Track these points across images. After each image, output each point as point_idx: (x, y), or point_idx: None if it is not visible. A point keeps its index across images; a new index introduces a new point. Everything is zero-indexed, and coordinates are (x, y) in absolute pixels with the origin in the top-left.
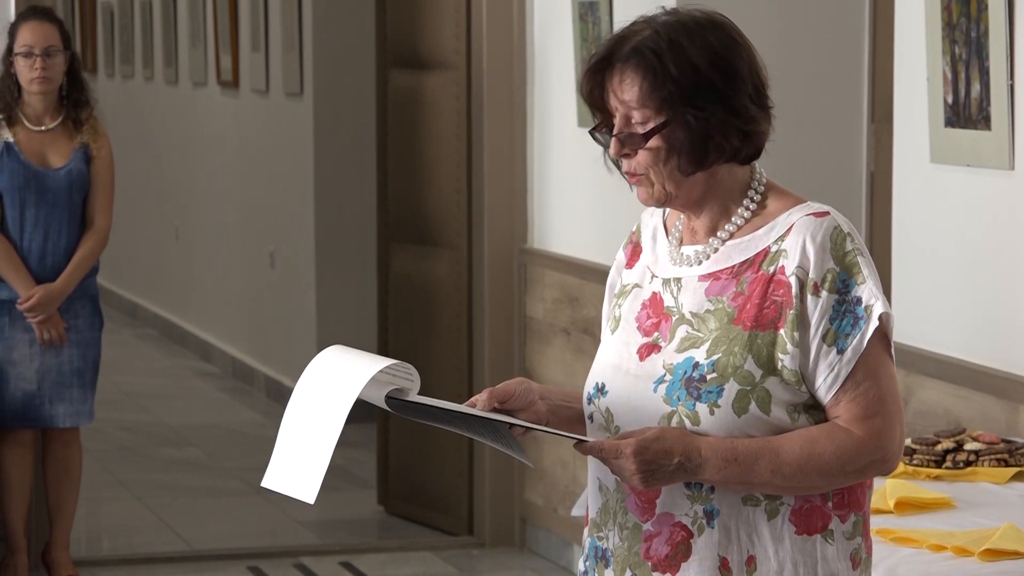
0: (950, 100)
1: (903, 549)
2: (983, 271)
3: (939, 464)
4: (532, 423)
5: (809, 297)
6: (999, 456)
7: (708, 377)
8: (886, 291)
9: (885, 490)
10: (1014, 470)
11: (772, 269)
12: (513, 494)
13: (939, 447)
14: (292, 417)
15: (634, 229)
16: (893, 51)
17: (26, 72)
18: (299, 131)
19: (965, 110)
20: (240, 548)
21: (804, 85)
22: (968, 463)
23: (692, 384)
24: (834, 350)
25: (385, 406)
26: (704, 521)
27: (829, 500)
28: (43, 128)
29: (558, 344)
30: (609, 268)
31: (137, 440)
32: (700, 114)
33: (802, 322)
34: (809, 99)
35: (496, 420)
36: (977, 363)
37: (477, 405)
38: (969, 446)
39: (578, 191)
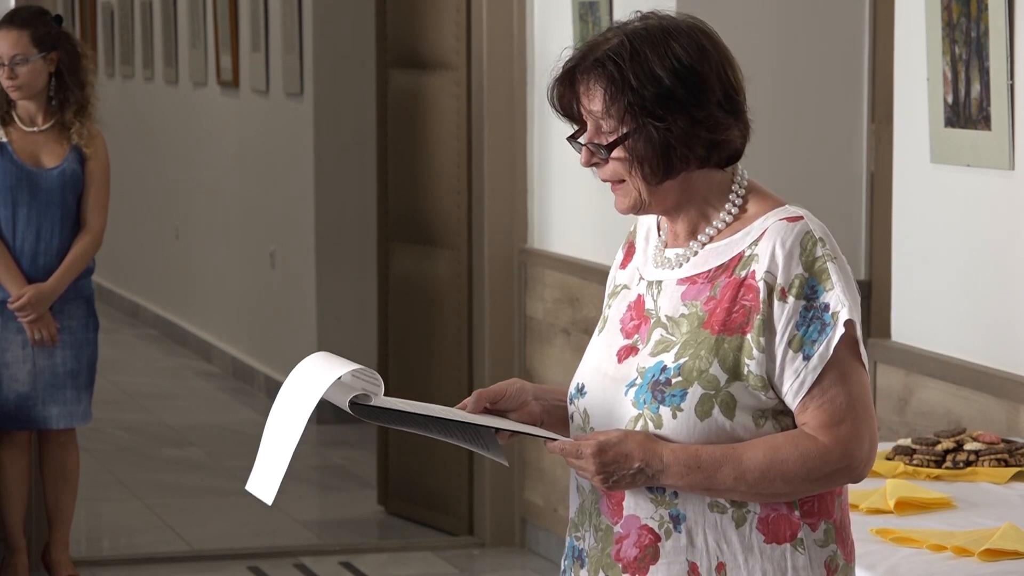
0: (950, 100)
1: (903, 549)
2: (983, 271)
3: (939, 464)
4: (524, 423)
5: (776, 302)
6: (999, 456)
7: (673, 381)
8: (886, 291)
9: (885, 490)
10: (1014, 470)
11: (744, 273)
12: (513, 494)
13: (939, 447)
14: (271, 422)
15: (632, 229)
16: (893, 51)
17: (2, 81)
18: (299, 131)
19: (965, 110)
20: (240, 548)
21: (804, 85)
22: (968, 463)
23: (657, 387)
24: (800, 356)
25: (349, 411)
26: (671, 525)
27: (796, 509)
28: (36, 129)
29: (558, 344)
30: (609, 268)
31: (137, 440)
32: (660, 125)
33: (768, 327)
34: (809, 99)
35: (474, 423)
36: (977, 363)
37: (468, 407)
38: (969, 446)
39: (578, 191)
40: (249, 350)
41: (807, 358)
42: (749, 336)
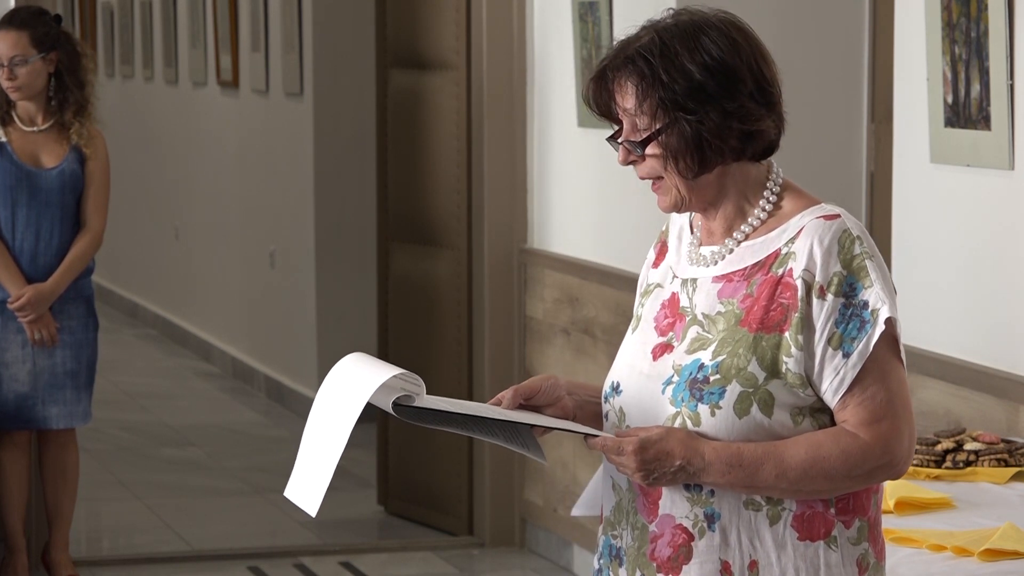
0: (950, 100)
1: (903, 549)
2: (983, 271)
3: (939, 464)
4: (558, 418)
5: (815, 300)
6: (999, 456)
7: (711, 379)
8: None
9: (885, 490)
10: (1014, 470)
11: (781, 271)
12: (513, 494)
13: (939, 447)
14: (310, 427)
15: (664, 228)
16: (893, 51)
17: (2, 81)
18: (299, 131)
19: (965, 110)
20: (240, 548)
21: (804, 85)
22: (968, 463)
23: (695, 385)
24: (839, 354)
25: (393, 412)
26: (705, 524)
27: (832, 506)
28: (36, 129)
29: (558, 344)
30: (609, 268)
31: (137, 440)
32: (692, 118)
33: (807, 325)
34: (809, 99)
35: (513, 421)
36: (977, 363)
37: (503, 403)
38: (969, 446)
39: (578, 191)
40: (249, 350)
41: (847, 355)
42: (787, 334)
